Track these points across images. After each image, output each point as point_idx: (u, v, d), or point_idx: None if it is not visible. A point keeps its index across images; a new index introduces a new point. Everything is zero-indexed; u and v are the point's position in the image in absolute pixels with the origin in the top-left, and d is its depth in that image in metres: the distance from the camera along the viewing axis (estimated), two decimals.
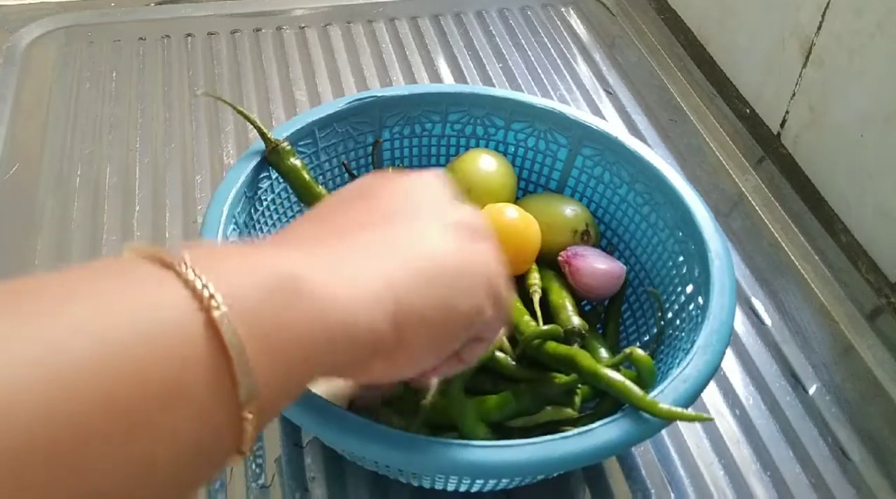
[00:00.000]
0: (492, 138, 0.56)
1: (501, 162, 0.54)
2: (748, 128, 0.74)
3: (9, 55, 0.76)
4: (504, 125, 0.56)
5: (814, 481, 0.48)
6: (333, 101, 0.53)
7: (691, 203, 0.48)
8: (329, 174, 0.54)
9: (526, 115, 0.55)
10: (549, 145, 0.55)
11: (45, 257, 0.59)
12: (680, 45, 0.84)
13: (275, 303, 0.23)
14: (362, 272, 0.27)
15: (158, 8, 0.84)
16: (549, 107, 0.54)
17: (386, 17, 0.85)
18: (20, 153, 0.67)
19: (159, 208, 0.63)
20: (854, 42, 0.61)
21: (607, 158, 0.53)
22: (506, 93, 0.55)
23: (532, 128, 0.55)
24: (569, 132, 0.54)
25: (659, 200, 0.50)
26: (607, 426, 0.37)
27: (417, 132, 0.56)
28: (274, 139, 0.48)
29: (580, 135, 0.54)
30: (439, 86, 0.56)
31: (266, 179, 0.49)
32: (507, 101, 0.55)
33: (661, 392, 0.38)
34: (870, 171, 0.61)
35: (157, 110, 0.72)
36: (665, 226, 0.50)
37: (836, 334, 0.57)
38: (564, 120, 0.54)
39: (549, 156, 0.56)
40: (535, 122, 0.55)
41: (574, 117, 0.54)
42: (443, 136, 0.56)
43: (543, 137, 0.55)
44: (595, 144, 0.53)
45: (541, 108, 0.54)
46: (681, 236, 0.48)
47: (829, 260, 0.62)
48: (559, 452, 0.35)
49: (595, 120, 0.54)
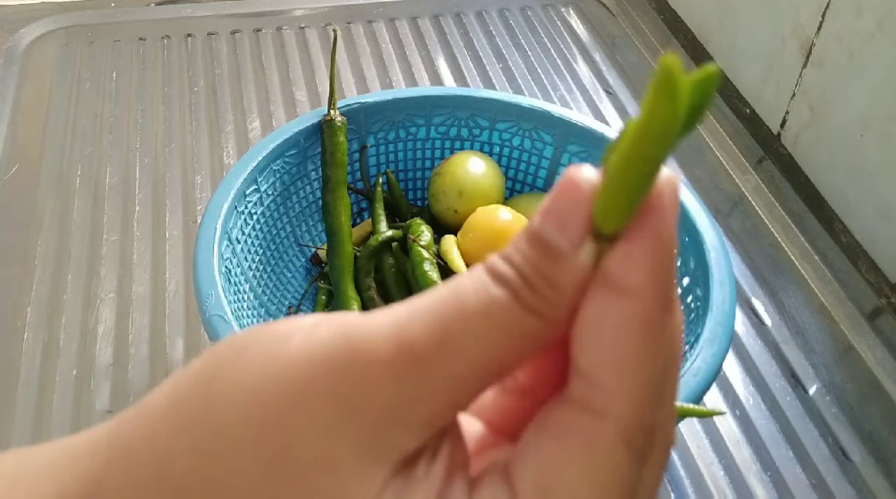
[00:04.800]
0: (477, 139, 0.56)
1: (489, 163, 0.54)
2: (748, 128, 0.74)
3: (9, 55, 0.76)
4: (489, 126, 0.56)
5: (814, 482, 0.48)
6: (319, 109, 0.53)
7: (682, 195, 0.48)
8: (316, 183, 0.54)
9: (510, 115, 0.55)
10: (535, 144, 0.55)
11: (45, 257, 0.59)
12: (680, 45, 0.84)
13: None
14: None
15: (158, 8, 0.84)
16: (532, 105, 0.54)
17: (386, 18, 0.85)
18: (20, 153, 0.67)
19: (159, 208, 0.63)
20: (854, 42, 0.61)
21: (594, 154, 0.53)
22: (489, 93, 0.56)
23: (517, 127, 0.55)
24: (554, 130, 0.54)
25: None
26: None
27: (402, 137, 0.56)
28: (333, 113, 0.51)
29: (565, 132, 0.54)
30: (422, 89, 0.56)
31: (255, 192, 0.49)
32: (491, 101, 0.55)
33: None
34: (870, 171, 0.61)
35: (157, 110, 0.72)
36: None
37: (836, 334, 0.57)
38: (549, 118, 0.54)
39: (535, 155, 0.56)
40: (520, 121, 0.55)
41: (559, 115, 0.54)
42: (427, 139, 0.57)
43: (529, 136, 0.55)
44: (581, 141, 0.53)
45: (525, 107, 0.54)
46: None
47: (829, 260, 0.62)
48: None
49: (580, 117, 0.54)
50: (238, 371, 0.16)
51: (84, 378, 0.52)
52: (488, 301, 0.16)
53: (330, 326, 0.16)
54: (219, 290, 0.41)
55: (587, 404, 0.16)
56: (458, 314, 0.16)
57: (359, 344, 0.16)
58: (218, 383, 0.16)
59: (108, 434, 0.18)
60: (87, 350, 0.53)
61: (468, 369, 0.16)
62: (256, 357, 0.16)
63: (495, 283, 0.16)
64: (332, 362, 0.16)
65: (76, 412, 0.50)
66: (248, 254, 0.49)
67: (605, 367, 0.16)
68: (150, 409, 0.17)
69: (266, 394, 0.16)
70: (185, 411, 0.17)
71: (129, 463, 0.17)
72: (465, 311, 0.16)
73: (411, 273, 0.50)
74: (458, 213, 0.53)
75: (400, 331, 0.16)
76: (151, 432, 0.17)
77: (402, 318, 0.16)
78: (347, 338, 0.16)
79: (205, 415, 0.16)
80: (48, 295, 0.56)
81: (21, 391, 0.51)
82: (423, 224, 0.51)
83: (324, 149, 0.52)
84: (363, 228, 0.55)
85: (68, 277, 0.57)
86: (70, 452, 0.18)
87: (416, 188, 0.59)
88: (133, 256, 0.59)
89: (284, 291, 0.53)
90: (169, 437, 0.16)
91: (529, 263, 0.16)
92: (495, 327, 0.16)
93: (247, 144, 0.68)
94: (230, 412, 0.16)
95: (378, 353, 0.15)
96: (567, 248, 0.16)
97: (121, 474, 0.17)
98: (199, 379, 0.17)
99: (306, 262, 0.55)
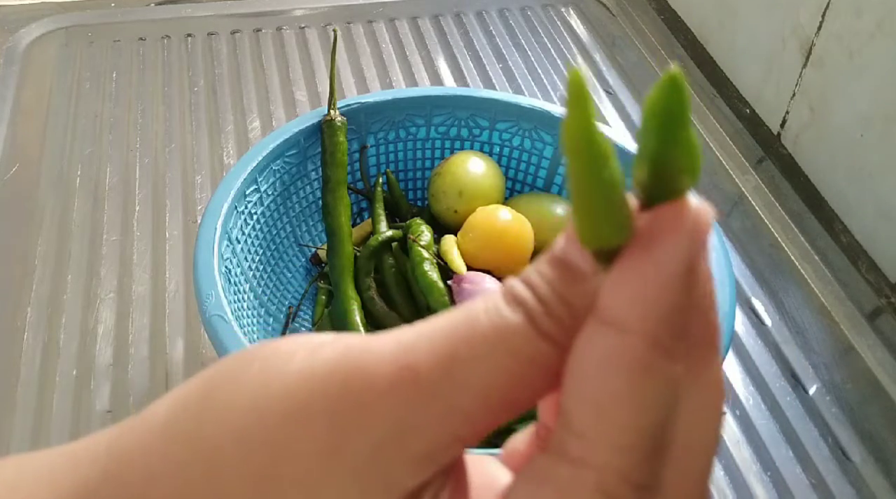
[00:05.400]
0: (477, 139, 0.56)
1: (489, 163, 0.54)
2: (748, 128, 0.74)
3: (9, 55, 0.76)
4: (489, 126, 0.56)
5: (814, 482, 0.48)
6: (319, 109, 0.53)
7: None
8: (316, 183, 0.54)
9: (510, 115, 0.55)
10: (535, 144, 0.55)
11: (45, 257, 0.59)
12: (680, 45, 0.84)
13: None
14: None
15: (158, 8, 0.84)
16: (532, 105, 0.54)
17: (386, 18, 0.85)
18: (20, 153, 0.67)
19: (159, 208, 0.63)
20: (854, 42, 0.61)
21: None
22: (489, 93, 0.56)
23: (517, 127, 0.55)
24: (554, 130, 0.54)
25: None
26: None
27: (402, 137, 0.56)
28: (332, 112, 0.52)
29: None
30: (422, 89, 0.56)
31: (255, 192, 0.49)
32: (491, 101, 0.55)
33: None
34: (870, 171, 0.61)
35: (157, 110, 0.72)
36: None
37: (836, 334, 0.57)
38: (549, 118, 0.54)
39: (535, 155, 0.56)
40: (520, 121, 0.55)
41: (559, 115, 0.54)
42: (427, 139, 0.57)
43: (529, 136, 0.55)
44: None
45: (525, 107, 0.54)
46: None
47: (829, 260, 0.62)
48: None
49: None
50: (236, 389, 0.16)
51: (84, 378, 0.52)
52: (501, 325, 0.14)
53: (334, 347, 0.15)
54: (219, 290, 0.41)
55: (564, 450, 0.14)
56: (467, 338, 0.14)
57: (360, 365, 0.15)
58: (214, 401, 0.16)
59: (108, 443, 0.17)
60: (87, 350, 0.53)
61: (474, 398, 0.14)
62: (256, 375, 0.16)
63: (510, 306, 0.15)
64: (330, 383, 0.15)
65: (76, 412, 0.50)
66: (248, 254, 0.49)
67: (583, 407, 0.14)
68: (148, 422, 0.17)
69: (260, 414, 0.15)
70: (180, 426, 0.16)
71: (125, 477, 0.16)
72: (474, 335, 0.14)
73: (411, 273, 0.50)
74: (458, 213, 0.53)
75: (404, 353, 0.15)
76: (146, 447, 0.16)
77: (408, 340, 0.15)
78: (349, 359, 0.15)
79: (197, 433, 0.16)
80: (48, 295, 0.56)
81: (21, 391, 0.51)
82: (423, 224, 0.51)
83: (324, 149, 0.52)
84: (363, 228, 0.55)
85: (68, 277, 0.57)
86: (70, 459, 0.18)
87: (416, 188, 0.59)
88: (133, 256, 0.59)
89: (284, 291, 0.53)
90: (161, 454, 0.16)
91: (550, 286, 0.15)
92: (505, 353, 0.14)
93: (247, 144, 0.68)
94: (222, 431, 0.15)
95: (379, 375, 0.15)
96: (588, 269, 0.15)
97: (116, 486, 0.16)
98: (197, 395, 0.16)
99: (306, 262, 0.55)
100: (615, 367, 0.14)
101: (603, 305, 0.14)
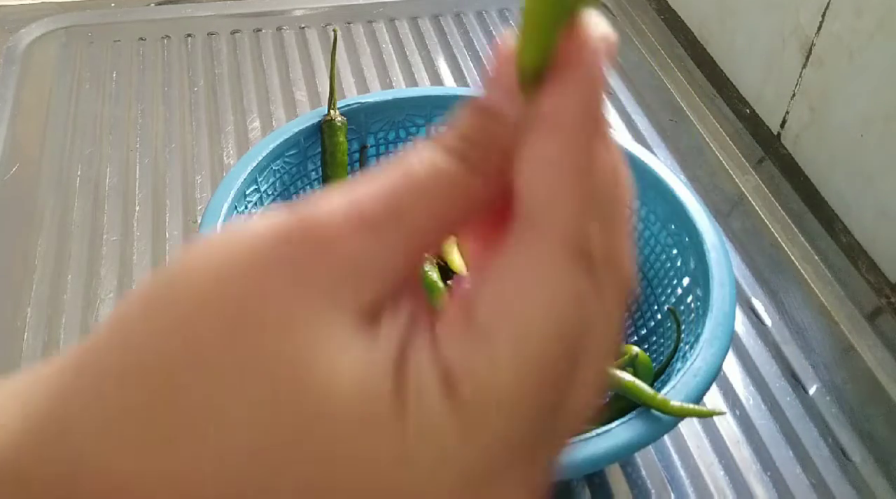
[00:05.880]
0: None
1: None
2: (748, 128, 0.74)
3: (9, 55, 0.76)
4: None
5: (814, 482, 0.48)
6: (319, 109, 0.53)
7: (682, 195, 0.48)
8: (316, 183, 0.54)
9: None
10: None
11: (45, 257, 0.59)
12: (680, 45, 0.84)
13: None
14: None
15: (158, 8, 0.84)
16: None
17: (386, 18, 0.85)
18: (20, 153, 0.67)
19: (159, 208, 0.63)
20: (854, 42, 0.61)
21: None
22: None
23: None
24: None
25: (649, 193, 0.50)
26: (624, 426, 0.37)
27: (402, 137, 0.56)
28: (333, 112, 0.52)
29: None
30: (422, 89, 0.56)
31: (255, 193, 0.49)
32: None
33: (673, 388, 0.38)
34: (870, 171, 0.61)
35: (157, 110, 0.72)
36: (657, 219, 0.50)
37: (836, 334, 0.57)
38: None
39: None
40: None
41: None
42: None
43: None
44: None
45: None
46: (673, 229, 0.49)
47: (829, 260, 0.62)
48: (581, 455, 0.36)
49: None
50: (201, 259, 0.17)
51: None
52: (436, 171, 0.17)
53: (287, 210, 0.17)
54: None
55: (531, 221, 0.17)
56: (407, 187, 0.17)
57: (315, 215, 0.16)
58: (183, 275, 0.17)
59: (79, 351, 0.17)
60: None
61: (421, 236, 0.17)
62: (216, 244, 0.17)
63: (441, 153, 0.17)
64: (289, 232, 0.16)
65: None
66: None
67: (541, 179, 0.17)
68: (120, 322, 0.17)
69: (225, 271, 0.16)
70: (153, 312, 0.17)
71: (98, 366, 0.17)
72: (413, 183, 0.17)
73: None
74: None
75: (353, 204, 0.17)
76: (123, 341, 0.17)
77: (355, 195, 0.17)
78: (302, 213, 0.17)
79: (167, 309, 0.16)
80: (48, 295, 0.56)
81: None
82: None
83: (324, 149, 0.52)
84: None
85: (68, 277, 0.57)
86: (42, 372, 0.18)
87: None
88: (133, 256, 0.59)
89: None
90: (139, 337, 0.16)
91: (475, 130, 0.17)
92: (444, 194, 0.17)
93: (247, 144, 0.68)
94: (191, 296, 0.16)
95: (334, 220, 0.16)
96: (504, 103, 0.17)
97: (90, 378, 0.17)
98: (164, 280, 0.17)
99: None
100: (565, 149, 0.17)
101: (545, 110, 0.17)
